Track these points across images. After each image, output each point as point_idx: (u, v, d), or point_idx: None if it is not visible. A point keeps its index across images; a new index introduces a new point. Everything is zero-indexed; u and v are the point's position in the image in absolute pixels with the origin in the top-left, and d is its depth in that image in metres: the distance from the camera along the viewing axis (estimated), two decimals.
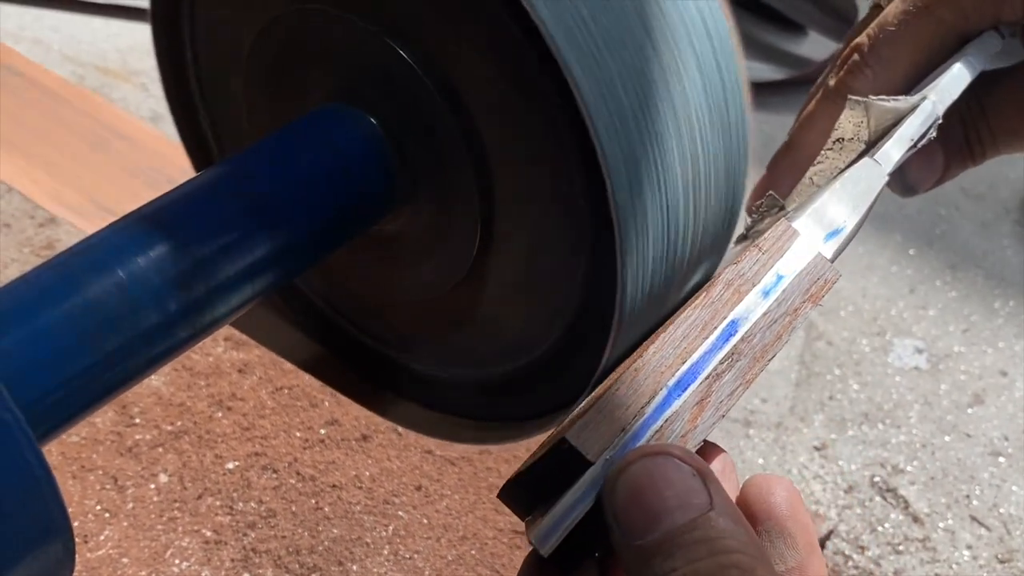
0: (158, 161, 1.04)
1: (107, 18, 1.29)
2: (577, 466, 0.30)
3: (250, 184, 0.37)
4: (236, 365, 0.85)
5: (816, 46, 1.42)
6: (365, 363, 0.48)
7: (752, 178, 0.40)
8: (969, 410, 0.94)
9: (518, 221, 0.38)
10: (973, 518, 0.85)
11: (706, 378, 0.32)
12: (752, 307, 0.33)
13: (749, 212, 0.38)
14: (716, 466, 0.31)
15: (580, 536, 0.30)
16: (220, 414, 0.81)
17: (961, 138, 0.44)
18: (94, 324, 0.32)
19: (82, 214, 0.97)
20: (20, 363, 0.30)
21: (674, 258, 0.36)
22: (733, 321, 0.33)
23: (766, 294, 0.34)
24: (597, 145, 0.31)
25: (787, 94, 1.29)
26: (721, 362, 0.32)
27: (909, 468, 0.89)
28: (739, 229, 0.39)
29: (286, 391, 0.84)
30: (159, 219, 0.35)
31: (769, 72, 1.33)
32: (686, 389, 0.32)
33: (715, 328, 0.33)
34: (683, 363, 0.32)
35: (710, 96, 0.35)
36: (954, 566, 0.81)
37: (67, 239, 0.95)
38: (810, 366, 0.96)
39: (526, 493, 0.31)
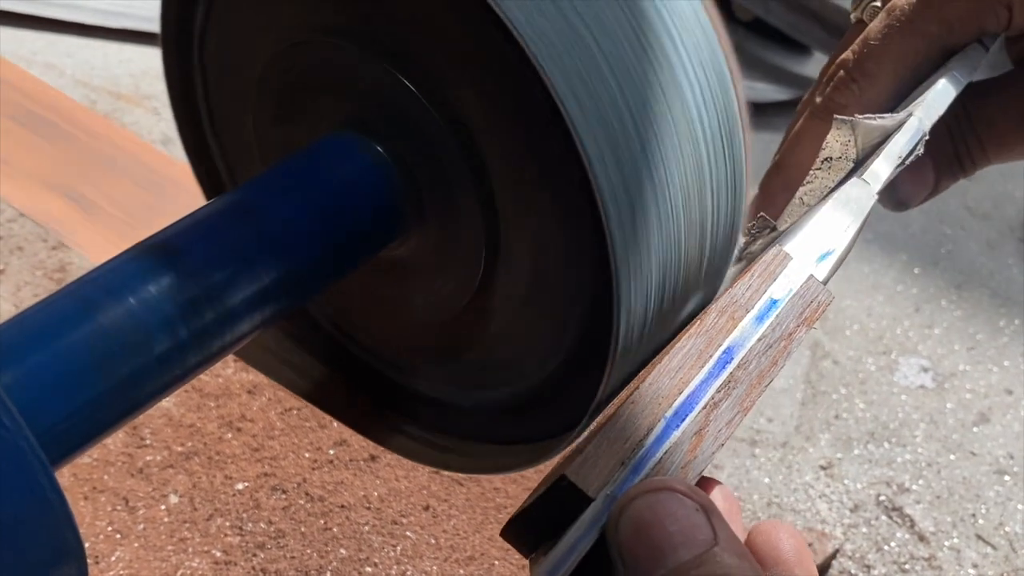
0: (168, 184, 1.05)
1: (120, 43, 1.31)
2: (578, 503, 0.30)
3: (260, 212, 0.38)
4: (245, 386, 0.86)
5: (820, 66, 1.43)
6: (371, 385, 0.49)
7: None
8: (975, 429, 0.94)
9: (523, 244, 0.39)
10: (979, 537, 0.85)
11: (703, 407, 0.32)
12: (747, 333, 0.33)
13: (743, 234, 0.39)
14: (717, 498, 0.31)
15: (585, 573, 0.30)
16: (230, 435, 0.82)
17: (951, 151, 0.44)
18: (107, 351, 0.33)
19: (90, 239, 0.98)
20: (35, 389, 0.31)
21: (675, 282, 0.36)
22: (728, 348, 0.33)
23: (760, 320, 0.34)
24: (592, 177, 0.32)
25: (791, 114, 1.30)
26: (718, 391, 0.32)
27: (915, 487, 0.89)
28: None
29: (295, 412, 0.85)
30: (170, 247, 0.36)
31: (773, 92, 1.34)
32: (684, 419, 0.31)
33: (711, 356, 0.33)
34: (680, 393, 0.32)
35: (709, 123, 0.36)
36: None
37: (79, 262, 0.96)
38: (816, 385, 0.96)
39: (529, 531, 0.31)
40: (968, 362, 1.01)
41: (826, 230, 0.36)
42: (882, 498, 0.87)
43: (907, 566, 0.82)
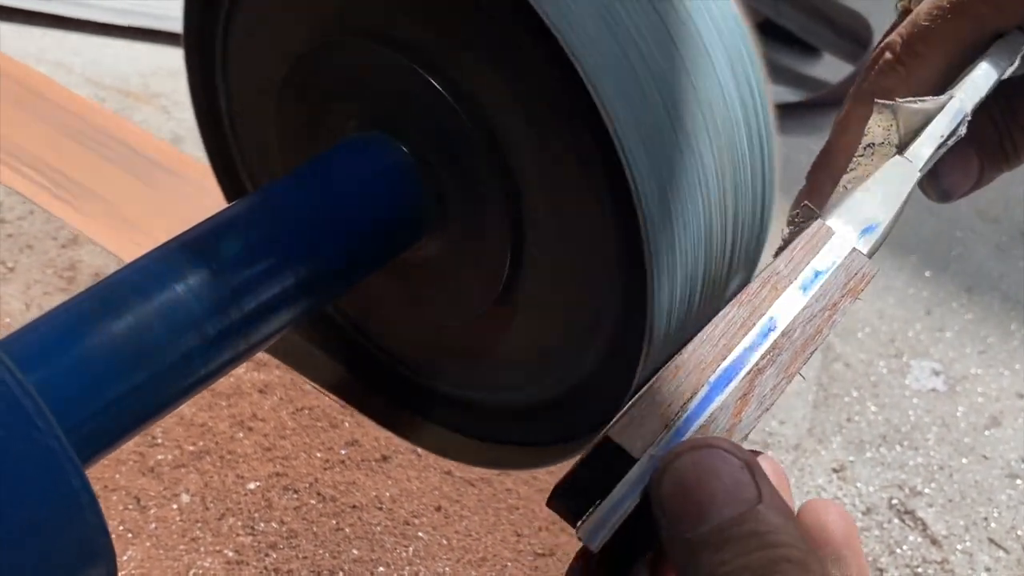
0: (180, 181, 1.05)
1: (129, 41, 1.30)
2: (622, 464, 0.30)
3: (288, 212, 0.38)
4: (257, 386, 0.86)
5: (831, 68, 1.42)
6: (391, 387, 0.49)
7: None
8: (986, 432, 0.94)
9: (549, 246, 0.39)
10: (991, 540, 0.85)
11: (747, 373, 0.32)
12: (791, 303, 0.34)
13: (788, 224, 0.39)
14: (765, 467, 0.30)
15: (629, 536, 0.30)
16: (241, 434, 0.82)
17: (996, 142, 0.44)
18: (135, 351, 0.33)
19: (105, 233, 0.98)
20: (64, 390, 0.31)
21: (704, 283, 0.36)
22: (772, 317, 0.33)
23: (805, 290, 0.34)
24: (629, 177, 0.32)
25: (802, 116, 1.30)
26: (762, 357, 0.33)
27: (927, 490, 0.89)
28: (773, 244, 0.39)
29: (306, 411, 0.84)
30: (197, 247, 0.36)
31: (785, 94, 1.34)
32: (728, 384, 0.32)
33: (754, 325, 0.33)
34: (724, 359, 0.32)
35: (740, 120, 0.36)
36: None
37: (89, 259, 0.96)
38: (828, 388, 0.96)
39: (574, 497, 0.31)
40: (979, 365, 1.01)
41: (869, 206, 0.36)
42: (894, 501, 0.87)
43: (919, 569, 0.82)
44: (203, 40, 0.45)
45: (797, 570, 0.26)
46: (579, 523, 0.30)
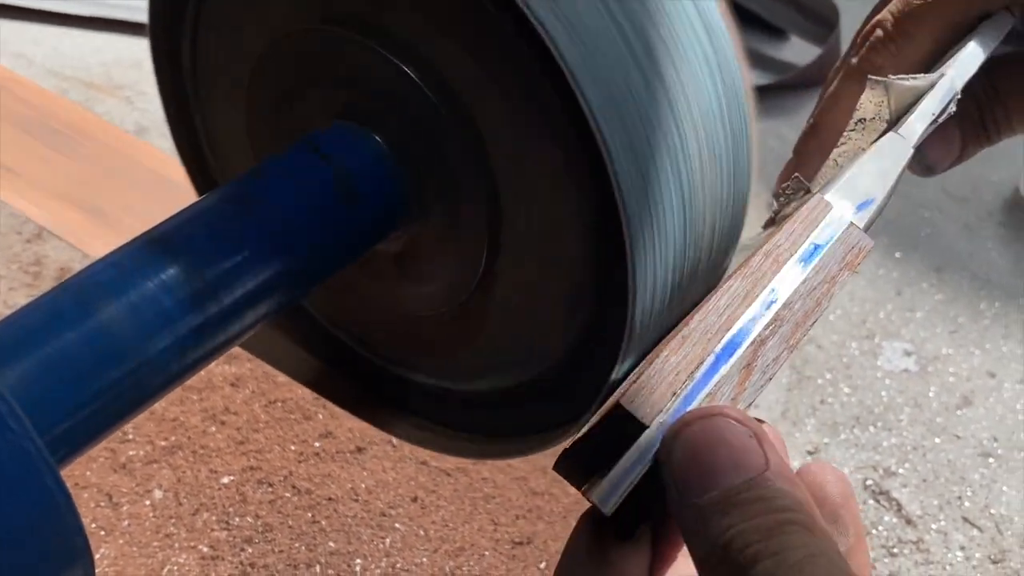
0: (146, 174, 1.04)
1: (89, 31, 1.29)
2: (632, 430, 0.31)
3: (260, 204, 0.37)
4: (228, 379, 0.85)
5: (798, 51, 1.43)
6: (368, 378, 0.48)
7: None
8: (958, 412, 0.95)
9: (527, 234, 0.38)
10: (965, 519, 0.85)
11: (751, 344, 0.33)
12: (791, 275, 0.35)
13: (776, 197, 0.39)
14: (768, 433, 0.31)
15: (635, 502, 0.31)
16: (214, 428, 0.81)
17: (977, 119, 0.44)
18: (108, 348, 0.32)
19: (71, 228, 0.97)
20: (37, 389, 0.30)
21: (684, 267, 0.36)
22: (773, 290, 0.34)
23: (804, 263, 0.35)
24: (607, 161, 0.31)
25: (770, 99, 1.30)
26: (765, 328, 0.33)
27: (901, 471, 0.89)
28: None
29: (279, 404, 0.84)
30: (168, 241, 0.35)
31: (752, 78, 1.33)
32: (733, 354, 0.33)
33: (757, 296, 0.34)
34: (728, 330, 0.33)
35: (717, 101, 0.36)
36: (947, 567, 0.82)
37: (54, 254, 0.94)
38: (801, 370, 0.96)
39: (581, 462, 0.32)
40: (950, 345, 1.01)
41: (865, 181, 0.37)
42: (869, 482, 0.87)
43: (895, 550, 0.82)
44: (170, 31, 0.44)
45: (803, 532, 0.26)
46: (585, 487, 0.31)
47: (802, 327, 0.34)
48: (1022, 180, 1.19)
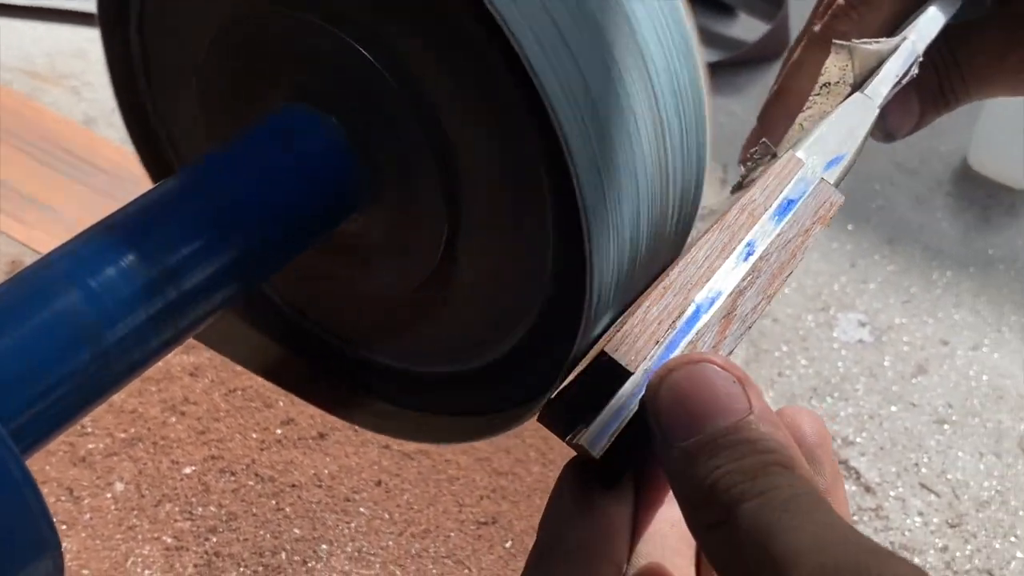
0: (93, 164, 1.03)
1: (29, 21, 1.27)
2: (618, 377, 0.32)
3: (215, 189, 0.37)
4: (187, 369, 0.84)
5: (747, 28, 1.43)
6: (329, 362, 0.48)
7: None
8: (913, 380, 0.96)
9: (485, 215, 0.38)
10: (923, 485, 0.87)
11: (730, 294, 0.34)
12: (766, 228, 0.35)
13: (743, 162, 0.40)
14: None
15: (621, 448, 0.31)
16: (174, 419, 0.81)
17: (935, 86, 0.46)
18: (69, 336, 0.32)
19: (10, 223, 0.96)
20: None
21: (642, 244, 0.36)
22: (750, 242, 0.35)
23: (778, 216, 0.36)
24: (564, 144, 0.32)
25: (719, 76, 1.31)
26: (743, 279, 0.34)
27: (859, 439, 0.90)
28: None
29: (239, 393, 0.83)
30: (125, 229, 0.35)
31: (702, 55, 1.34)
32: (713, 304, 0.33)
33: (734, 249, 0.35)
34: (707, 281, 0.34)
35: (671, 81, 0.36)
36: (907, 533, 0.83)
37: (5, 248, 0.93)
38: (758, 344, 0.97)
39: (566, 411, 0.32)
40: (904, 315, 1.03)
41: (834, 139, 0.38)
42: None
43: (855, 517, 0.83)
44: (119, 17, 0.44)
45: (787, 473, 0.27)
46: (570, 435, 0.32)
47: (778, 278, 0.35)
48: (971, 151, 1.20)
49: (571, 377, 0.33)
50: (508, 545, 0.74)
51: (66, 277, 0.32)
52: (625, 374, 0.32)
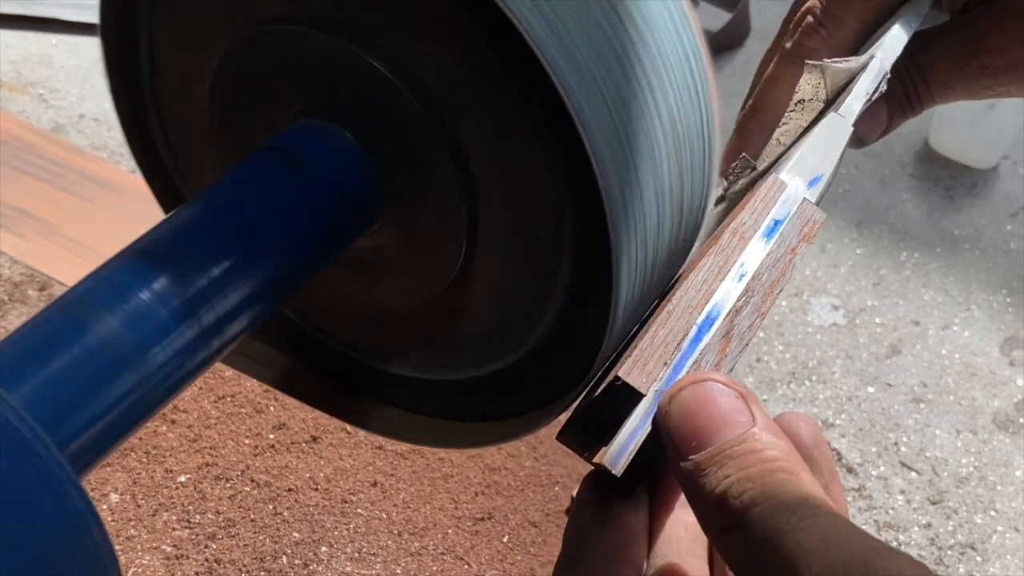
0: (69, 175, 1.02)
1: None
2: (631, 399, 0.34)
3: (241, 208, 0.37)
4: None
5: (708, 17, 1.45)
6: (343, 374, 0.49)
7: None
8: (888, 361, 0.98)
9: (505, 227, 0.39)
10: (903, 464, 0.89)
11: (728, 314, 0.36)
12: (757, 249, 0.37)
13: (724, 176, 0.41)
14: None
15: (636, 463, 0.33)
16: (164, 428, 0.81)
17: (901, 93, 0.48)
18: (111, 361, 0.32)
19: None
20: (47, 410, 0.30)
21: (661, 252, 0.37)
22: (743, 264, 0.37)
23: (767, 237, 0.38)
24: (588, 148, 0.32)
25: None
26: (738, 299, 0.36)
27: (838, 421, 0.92)
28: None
29: (229, 399, 0.83)
30: (155, 252, 0.35)
31: None
32: (712, 325, 0.35)
33: (728, 271, 0.37)
34: (707, 303, 0.36)
35: (685, 80, 0.37)
36: (890, 511, 0.85)
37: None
38: None
39: (584, 431, 0.34)
40: (875, 297, 1.05)
41: (813, 159, 0.40)
42: None
43: None
44: (124, 32, 0.44)
45: (791, 477, 0.29)
46: (586, 454, 0.34)
47: (771, 295, 0.36)
48: (932, 132, 1.23)
49: (586, 401, 0.36)
50: (506, 539, 0.75)
51: (103, 303, 0.33)
52: (638, 396, 0.34)
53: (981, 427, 0.92)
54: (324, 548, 0.73)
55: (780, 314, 1.01)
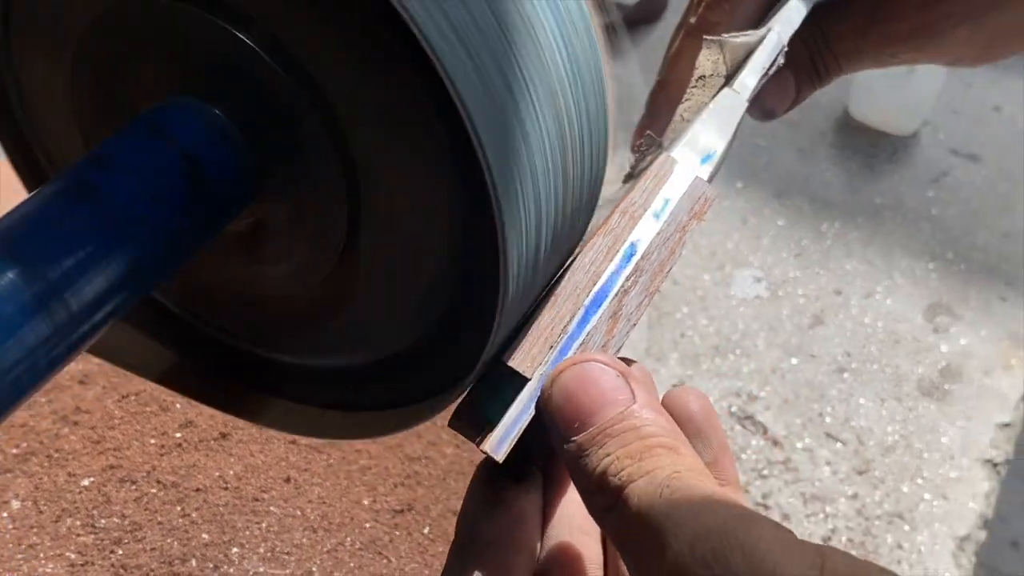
0: None
1: None
2: (516, 384, 0.34)
3: (98, 195, 0.34)
4: (76, 377, 0.81)
5: None
6: (230, 364, 0.46)
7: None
8: (811, 331, 0.97)
9: (388, 210, 0.37)
10: (828, 435, 0.88)
11: (615, 295, 0.36)
12: (647, 229, 0.37)
13: (633, 152, 0.41)
14: (635, 371, 0.34)
15: (524, 447, 0.33)
16: (67, 430, 0.77)
17: (808, 63, 0.48)
18: None
19: None
20: None
21: (549, 240, 0.35)
22: (632, 243, 0.37)
23: (657, 216, 0.37)
24: (468, 123, 0.30)
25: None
26: (627, 279, 0.36)
27: (762, 394, 0.91)
28: (618, 172, 0.41)
29: (133, 398, 0.80)
30: (7, 240, 0.32)
31: None
32: (600, 306, 0.35)
33: (618, 251, 0.36)
34: (595, 284, 0.36)
35: (569, 50, 0.35)
36: (816, 483, 0.84)
37: None
38: (659, 307, 0.97)
39: (474, 416, 0.34)
40: (797, 268, 1.04)
41: (706, 136, 0.40)
42: (733, 408, 0.89)
43: (765, 471, 0.84)
44: None
45: (669, 453, 0.30)
46: (478, 439, 0.34)
47: (660, 275, 0.36)
48: (851, 100, 1.22)
49: (474, 385, 0.35)
50: (426, 531, 0.73)
51: None
52: (522, 380, 0.34)
53: (906, 394, 0.92)
54: (235, 549, 0.71)
55: (703, 288, 1.00)
